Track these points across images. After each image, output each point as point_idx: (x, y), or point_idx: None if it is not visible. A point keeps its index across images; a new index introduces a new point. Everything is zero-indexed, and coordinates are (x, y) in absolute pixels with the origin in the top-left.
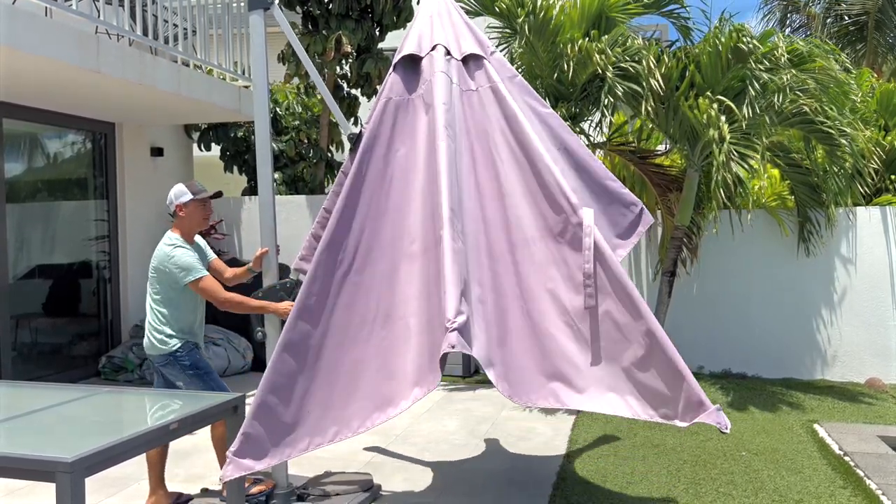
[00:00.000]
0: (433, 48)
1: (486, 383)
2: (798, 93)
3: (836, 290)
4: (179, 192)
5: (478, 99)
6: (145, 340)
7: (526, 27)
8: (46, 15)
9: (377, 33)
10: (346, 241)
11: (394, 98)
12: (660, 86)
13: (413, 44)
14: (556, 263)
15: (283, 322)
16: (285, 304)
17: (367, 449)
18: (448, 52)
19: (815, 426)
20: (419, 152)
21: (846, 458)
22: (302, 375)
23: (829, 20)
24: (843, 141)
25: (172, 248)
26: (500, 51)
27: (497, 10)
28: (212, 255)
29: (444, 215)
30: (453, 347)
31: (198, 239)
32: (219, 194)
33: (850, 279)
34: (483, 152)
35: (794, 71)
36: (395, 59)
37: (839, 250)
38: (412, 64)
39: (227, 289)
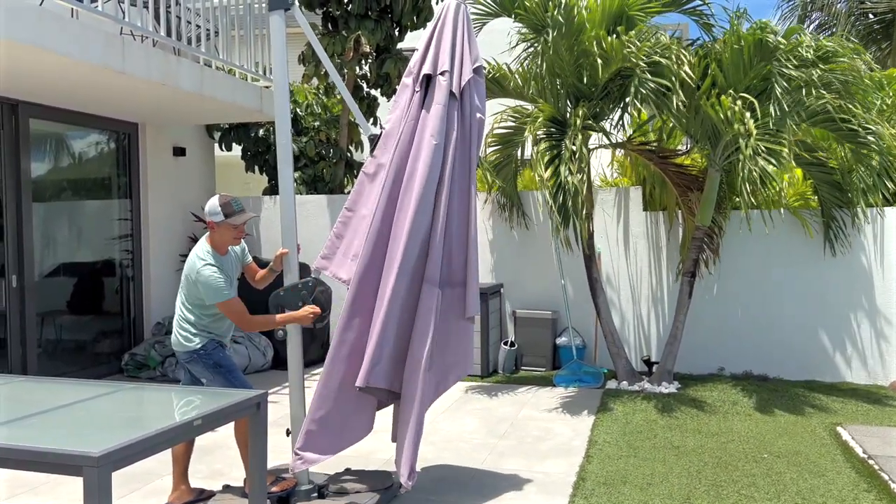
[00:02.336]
0: (441, 73)
1: (506, 383)
2: (822, 91)
3: (861, 291)
4: (213, 210)
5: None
6: (172, 337)
7: (559, 17)
8: (73, 16)
9: (396, 33)
10: (379, 257)
11: (414, 122)
12: (690, 78)
13: (430, 63)
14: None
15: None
16: (305, 311)
17: (386, 446)
18: (451, 78)
19: (839, 429)
20: (412, 180)
21: (870, 462)
22: (352, 378)
23: (853, 18)
24: (871, 138)
25: (203, 266)
26: (523, 51)
27: (525, 6)
28: (248, 259)
29: (396, 264)
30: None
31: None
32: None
33: (875, 280)
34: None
35: (821, 67)
36: (417, 68)
37: (864, 251)
38: (429, 85)
39: (253, 298)
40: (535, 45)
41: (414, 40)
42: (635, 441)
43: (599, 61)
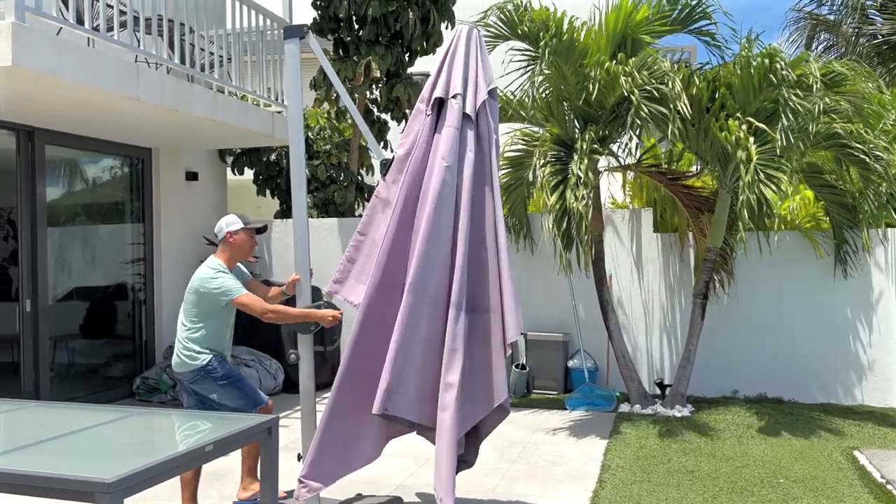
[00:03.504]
0: (454, 96)
1: (517, 406)
2: (832, 115)
3: (876, 312)
4: (231, 221)
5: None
6: (174, 359)
7: (547, 52)
8: (89, 45)
9: (406, 58)
10: (389, 281)
11: (425, 145)
12: (686, 109)
13: (441, 87)
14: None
15: (316, 339)
16: (327, 311)
17: (397, 472)
18: (463, 101)
19: (856, 453)
20: (422, 205)
21: (889, 487)
22: (357, 404)
23: (861, 39)
24: (878, 165)
25: (215, 273)
26: (525, 72)
27: (520, 32)
28: (248, 276)
29: (414, 283)
30: (385, 411)
31: (239, 264)
32: (264, 228)
33: (889, 302)
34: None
35: (829, 94)
36: (429, 93)
37: (877, 272)
38: (441, 108)
39: None
40: (542, 68)
41: (424, 65)
42: (649, 466)
43: (602, 86)
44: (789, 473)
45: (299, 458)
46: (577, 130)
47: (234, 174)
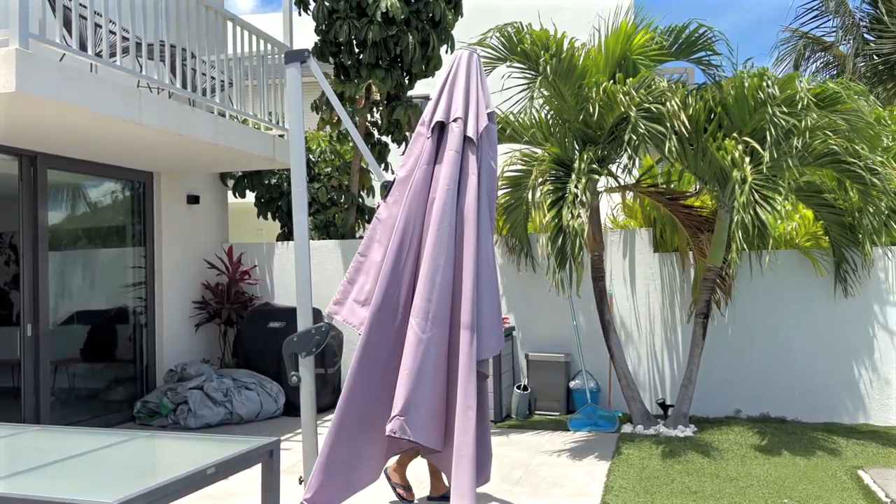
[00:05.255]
0: (454, 120)
1: (519, 428)
2: (828, 133)
3: (877, 331)
4: None
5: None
6: None
7: (548, 69)
8: (91, 70)
9: (406, 81)
10: (391, 302)
11: (426, 167)
12: (684, 127)
13: (442, 111)
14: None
15: (317, 361)
16: None
17: (393, 495)
18: (464, 124)
19: (860, 472)
20: (426, 227)
21: None
22: (361, 425)
23: (860, 58)
24: (876, 180)
25: None
26: (524, 92)
27: (520, 51)
28: None
29: (419, 305)
30: (395, 433)
31: None
32: None
33: (890, 319)
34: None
35: (821, 112)
36: (429, 116)
37: (878, 291)
38: (441, 132)
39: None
40: (540, 86)
41: (424, 88)
42: (652, 486)
43: (601, 107)
44: (793, 493)
45: (300, 481)
46: (575, 151)
47: (236, 197)
